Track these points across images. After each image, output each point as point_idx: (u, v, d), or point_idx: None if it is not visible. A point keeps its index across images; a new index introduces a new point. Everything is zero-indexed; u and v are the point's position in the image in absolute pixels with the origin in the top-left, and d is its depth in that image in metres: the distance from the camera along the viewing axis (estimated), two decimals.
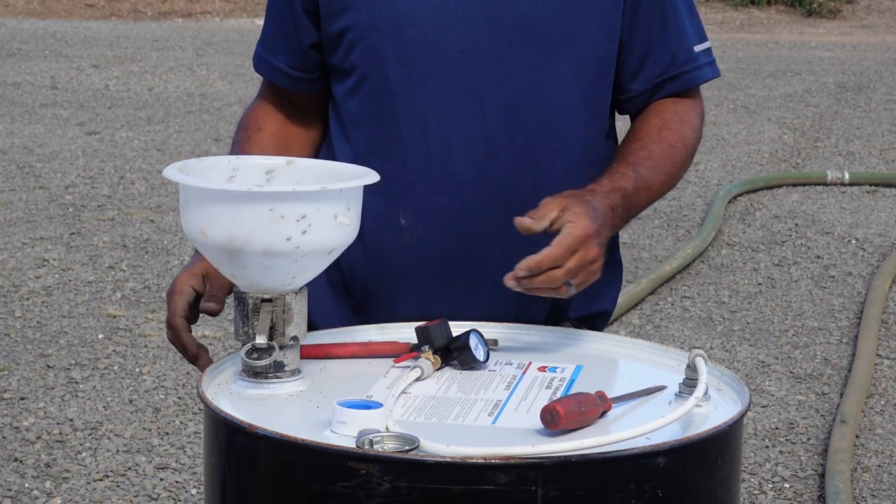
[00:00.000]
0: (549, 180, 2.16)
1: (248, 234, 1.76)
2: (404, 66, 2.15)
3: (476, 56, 2.14)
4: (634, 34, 2.21)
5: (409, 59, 2.15)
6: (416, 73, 2.15)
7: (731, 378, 1.87)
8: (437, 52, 2.14)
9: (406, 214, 2.17)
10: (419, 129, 2.16)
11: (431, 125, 2.15)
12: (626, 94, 2.25)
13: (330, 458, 1.59)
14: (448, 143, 2.15)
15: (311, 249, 1.78)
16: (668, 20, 2.23)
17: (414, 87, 2.15)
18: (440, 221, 2.16)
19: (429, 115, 2.15)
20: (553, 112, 2.17)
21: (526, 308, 2.21)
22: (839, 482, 4.16)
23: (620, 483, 1.60)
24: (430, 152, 2.16)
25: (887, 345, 5.73)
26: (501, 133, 2.15)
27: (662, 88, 2.25)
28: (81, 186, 8.07)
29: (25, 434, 4.58)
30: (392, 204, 2.16)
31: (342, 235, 1.82)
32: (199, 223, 1.79)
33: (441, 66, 2.14)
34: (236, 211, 1.76)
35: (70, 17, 16.49)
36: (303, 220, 1.76)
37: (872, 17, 17.81)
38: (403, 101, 2.16)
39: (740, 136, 10.15)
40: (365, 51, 2.17)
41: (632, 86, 2.25)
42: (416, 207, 2.16)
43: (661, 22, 2.23)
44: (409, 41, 2.14)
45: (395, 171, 2.16)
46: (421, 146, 2.16)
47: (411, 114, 2.16)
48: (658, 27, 2.23)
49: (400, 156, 2.16)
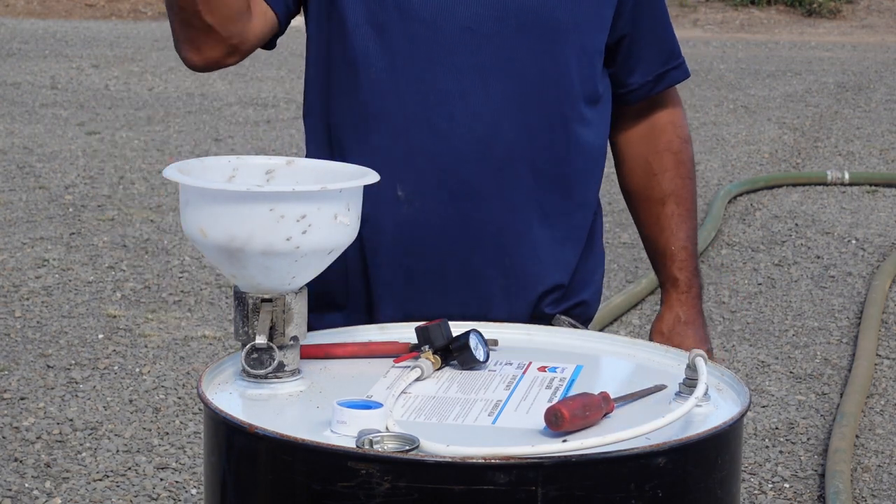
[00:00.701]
0: (545, 163, 2.20)
1: (248, 234, 1.76)
2: (408, 40, 2.15)
3: (482, 34, 2.15)
4: (637, 28, 2.29)
5: (413, 33, 2.15)
6: (420, 47, 2.15)
7: (731, 378, 1.87)
8: (443, 28, 2.15)
9: (403, 186, 2.17)
10: (421, 103, 2.16)
11: (434, 99, 2.16)
12: (626, 87, 2.33)
13: (330, 458, 1.59)
14: (451, 119, 2.16)
15: (311, 249, 1.78)
16: (664, 16, 2.35)
17: (418, 62, 2.15)
18: (438, 196, 2.17)
19: (432, 91, 2.16)
20: (554, 95, 2.19)
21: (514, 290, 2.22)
22: (839, 482, 4.16)
23: (620, 483, 1.60)
24: (432, 127, 2.16)
25: (887, 345, 5.73)
26: (504, 112, 2.17)
27: (664, 79, 2.35)
28: (81, 186, 8.07)
29: (25, 434, 4.58)
30: (391, 176, 2.16)
31: (342, 235, 1.82)
32: (198, 223, 1.79)
33: (446, 42, 2.15)
34: (236, 211, 1.76)
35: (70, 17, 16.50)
36: (303, 220, 1.76)
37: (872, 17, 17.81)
38: (407, 75, 2.16)
39: (740, 136, 10.15)
40: (368, 23, 2.16)
41: (631, 79, 2.33)
42: (415, 180, 2.17)
43: (660, 18, 2.33)
44: (413, 16, 2.14)
45: (397, 143, 2.16)
46: (423, 121, 2.16)
47: (414, 88, 2.16)
48: (659, 23, 2.33)
49: (402, 128, 2.17)
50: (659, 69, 2.34)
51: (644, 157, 2.38)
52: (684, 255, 2.37)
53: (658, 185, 2.37)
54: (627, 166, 2.39)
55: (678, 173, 2.37)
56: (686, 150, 2.39)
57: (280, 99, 11.21)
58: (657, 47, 2.33)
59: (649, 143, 2.38)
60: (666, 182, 2.37)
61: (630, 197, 2.41)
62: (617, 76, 2.31)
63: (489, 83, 2.16)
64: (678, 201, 2.37)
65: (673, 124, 2.39)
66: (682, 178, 2.37)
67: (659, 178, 2.37)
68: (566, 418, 1.67)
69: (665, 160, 2.37)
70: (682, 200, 2.37)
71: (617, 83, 2.32)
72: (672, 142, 2.38)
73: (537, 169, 2.20)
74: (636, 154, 2.38)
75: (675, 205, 2.37)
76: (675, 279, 2.38)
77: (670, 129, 2.38)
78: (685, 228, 2.38)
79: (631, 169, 2.39)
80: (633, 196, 2.40)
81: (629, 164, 2.39)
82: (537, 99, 2.18)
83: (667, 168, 2.37)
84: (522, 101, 2.18)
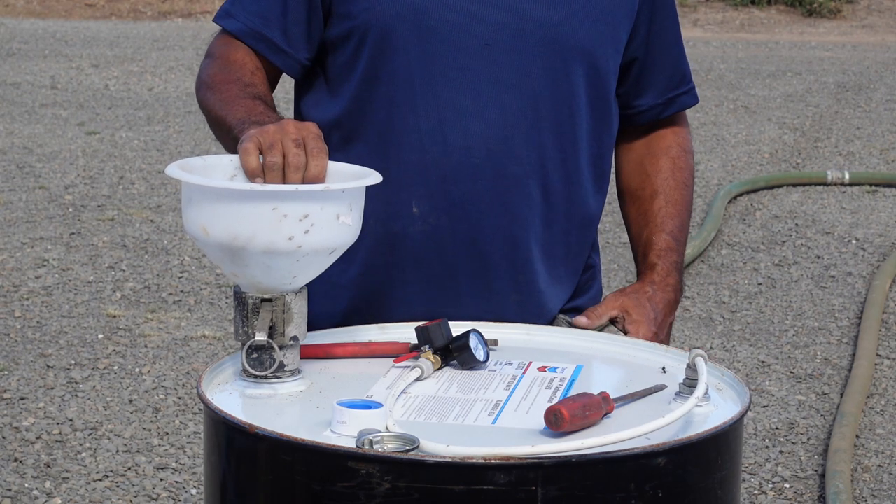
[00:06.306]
0: (556, 181, 2.20)
1: (251, 233, 1.76)
2: (425, 55, 2.15)
3: (499, 50, 2.15)
4: (650, 52, 2.30)
5: (431, 49, 2.14)
6: (438, 62, 2.15)
7: (731, 378, 1.87)
8: (460, 43, 2.14)
9: (419, 203, 2.17)
10: (437, 118, 2.15)
11: (450, 115, 2.15)
12: (635, 108, 2.35)
13: (330, 458, 1.59)
14: (466, 135, 2.15)
15: (313, 249, 1.78)
16: (677, 41, 2.35)
17: (434, 77, 2.15)
18: (453, 212, 2.17)
19: (448, 106, 2.15)
20: (566, 115, 2.20)
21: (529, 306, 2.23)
22: (839, 482, 4.16)
23: (620, 483, 1.60)
24: (447, 143, 2.16)
25: (887, 345, 5.74)
26: (518, 129, 2.17)
27: (673, 104, 2.36)
28: (81, 186, 8.07)
29: (25, 434, 4.58)
30: (405, 192, 2.16)
31: (344, 235, 1.82)
32: (201, 221, 1.79)
33: (463, 58, 2.14)
34: (239, 209, 1.76)
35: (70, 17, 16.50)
36: (305, 219, 1.76)
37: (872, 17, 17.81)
38: (423, 90, 2.15)
39: (740, 136, 10.15)
40: (384, 37, 2.15)
41: (641, 101, 2.34)
42: (430, 196, 2.17)
43: (673, 42, 2.34)
44: (431, 30, 2.14)
45: (412, 158, 2.16)
46: (438, 136, 2.16)
47: (431, 103, 2.15)
48: (672, 47, 2.34)
49: (418, 144, 2.16)
50: (669, 93, 2.35)
51: (640, 159, 2.38)
52: (665, 246, 2.32)
53: (650, 184, 2.36)
54: (625, 169, 2.40)
55: (672, 176, 2.36)
56: (684, 157, 2.38)
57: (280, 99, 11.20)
58: (669, 71, 2.34)
59: (648, 147, 2.38)
60: (659, 182, 2.36)
61: (622, 196, 2.40)
62: (627, 97, 2.32)
63: (504, 100, 2.16)
64: (668, 200, 2.35)
65: (675, 133, 2.39)
66: (675, 181, 2.36)
67: (652, 178, 2.36)
68: (566, 418, 1.67)
69: (661, 163, 2.37)
70: (673, 201, 2.35)
71: (626, 104, 2.33)
72: (671, 147, 2.38)
73: (546, 187, 2.20)
74: (633, 157, 2.39)
75: (664, 202, 2.34)
76: (652, 264, 2.32)
77: (671, 137, 2.39)
78: (672, 224, 2.34)
79: (628, 172, 2.39)
80: (625, 195, 2.40)
81: (627, 166, 2.39)
82: (550, 117, 2.19)
83: (661, 170, 2.36)
84: (536, 118, 2.18)
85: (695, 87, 2.40)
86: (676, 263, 2.32)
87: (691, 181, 2.38)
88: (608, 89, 2.25)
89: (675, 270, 2.32)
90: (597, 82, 2.22)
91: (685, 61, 2.38)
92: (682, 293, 2.35)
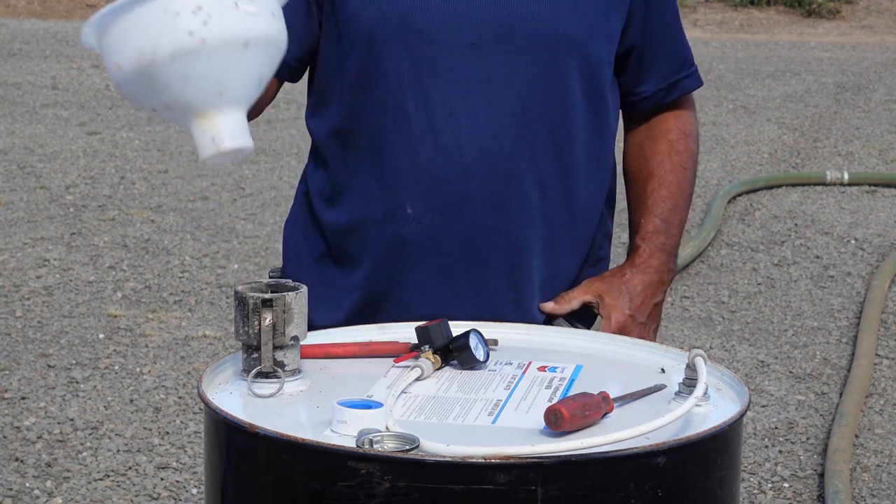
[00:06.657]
0: (551, 176, 2.20)
1: (152, 43, 1.70)
2: (413, 58, 2.15)
3: (486, 49, 2.15)
4: (647, 39, 2.28)
5: (418, 51, 2.15)
6: (425, 64, 2.15)
7: (730, 378, 1.88)
8: (447, 44, 2.15)
9: (413, 204, 2.18)
10: (428, 120, 2.16)
11: (440, 116, 2.16)
12: (637, 95, 2.33)
13: (330, 457, 1.60)
14: (457, 136, 2.16)
15: (218, 40, 1.72)
16: (676, 26, 2.34)
17: (423, 79, 2.16)
18: (447, 212, 2.18)
19: (438, 107, 2.16)
20: (559, 110, 2.19)
21: (527, 304, 2.23)
22: (838, 482, 4.17)
23: (620, 483, 1.61)
24: (438, 144, 2.16)
25: (886, 344, 5.74)
26: (509, 127, 2.17)
27: (675, 88, 2.34)
28: (82, 186, 8.08)
29: (26, 434, 4.59)
30: (400, 194, 2.17)
31: (250, 23, 1.74)
32: (112, 58, 1.74)
33: (451, 58, 2.15)
34: (133, 24, 1.71)
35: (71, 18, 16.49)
36: (199, 11, 1.71)
37: (872, 17, 17.80)
38: (413, 92, 2.16)
39: (740, 136, 10.15)
40: (372, 42, 2.16)
41: (643, 88, 2.33)
42: (424, 197, 2.17)
43: (672, 27, 2.33)
44: (418, 32, 2.14)
45: (404, 160, 2.16)
46: (429, 137, 2.16)
47: (421, 105, 2.16)
48: (670, 32, 2.32)
49: (409, 146, 2.17)
50: (671, 78, 2.34)
51: (641, 142, 2.37)
52: (652, 228, 2.30)
53: (646, 167, 2.35)
54: (627, 153, 2.39)
55: (668, 158, 2.34)
56: (683, 140, 2.36)
57: (280, 99, 11.21)
58: (669, 57, 2.33)
59: (649, 130, 2.37)
60: (654, 165, 2.34)
61: (625, 181, 2.40)
62: (628, 85, 2.31)
63: (494, 99, 2.16)
64: (662, 183, 2.33)
65: (676, 117, 2.37)
66: (672, 164, 2.34)
67: (648, 161, 2.35)
68: (566, 418, 1.67)
69: (658, 146, 2.35)
70: (667, 184, 2.33)
71: (628, 92, 2.32)
72: (670, 130, 2.36)
73: (542, 182, 2.20)
74: (635, 141, 2.37)
75: (657, 185, 2.33)
76: (636, 247, 2.31)
77: (672, 120, 2.37)
78: (663, 207, 2.31)
79: (629, 156, 2.38)
80: (626, 179, 2.39)
81: (628, 150, 2.38)
82: (542, 112, 2.18)
83: (657, 152, 2.35)
84: (527, 115, 2.17)
85: (697, 70, 2.38)
86: (664, 245, 2.29)
87: (690, 164, 2.35)
88: (602, 80, 2.24)
89: (661, 251, 2.29)
90: (590, 74, 2.21)
91: (685, 45, 2.36)
92: (673, 273, 2.31)
